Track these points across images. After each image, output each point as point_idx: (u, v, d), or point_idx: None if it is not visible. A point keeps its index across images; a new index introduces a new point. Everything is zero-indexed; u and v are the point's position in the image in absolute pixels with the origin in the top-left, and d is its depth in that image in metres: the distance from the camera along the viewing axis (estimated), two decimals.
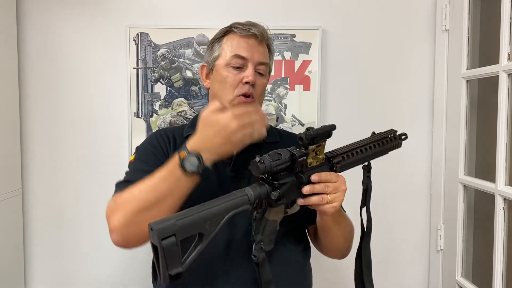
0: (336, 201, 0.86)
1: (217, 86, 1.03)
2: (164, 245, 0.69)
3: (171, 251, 0.70)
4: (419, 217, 1.69)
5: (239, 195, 0.78)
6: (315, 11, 1.63)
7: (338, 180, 0.87)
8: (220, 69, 1.02)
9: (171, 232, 0.70)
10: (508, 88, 1.26)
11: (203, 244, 0.74)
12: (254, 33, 1.01)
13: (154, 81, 1.61)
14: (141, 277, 1.66)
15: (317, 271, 1.23)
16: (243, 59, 1.00)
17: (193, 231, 0.73)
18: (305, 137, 0.82)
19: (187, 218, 0.73)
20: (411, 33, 1.64)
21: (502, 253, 1.28)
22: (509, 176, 1.29)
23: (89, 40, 1.61)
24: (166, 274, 0.70)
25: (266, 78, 1.06)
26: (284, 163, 0.81)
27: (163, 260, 0.70)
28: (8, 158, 1.54)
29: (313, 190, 0.85)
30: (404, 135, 1.03)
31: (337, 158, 0.90)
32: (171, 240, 0.70)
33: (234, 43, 1.01)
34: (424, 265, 1.70)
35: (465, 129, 1.49)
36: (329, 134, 0.86)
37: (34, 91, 1.63)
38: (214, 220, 0.75)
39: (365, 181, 0.99)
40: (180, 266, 0.71)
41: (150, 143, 1.05)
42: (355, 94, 1.65)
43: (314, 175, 0.85)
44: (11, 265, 1.57)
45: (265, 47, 1.05)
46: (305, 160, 0.84)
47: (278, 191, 0.81)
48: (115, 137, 1.63)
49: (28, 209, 1.66)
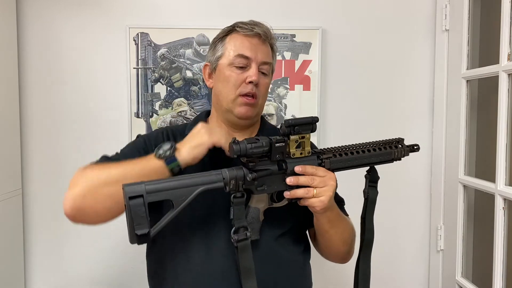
0: (323, 195, 0.86)
1: (220, 86, 1.03)
2: (131, 204, 0.74)
3: (137, 211, 0.74)
4: (419, 217, 1.69)
5: (213, 173, 0.83)
6: (315, 11, 1.63)
7: (326, 175, 0.87)
8: (223, 68, 1.01)
9: (139, 192, 0.75)
10: (508, 88, 1.26)
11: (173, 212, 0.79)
12: (258, 33, 1.01)
13: (154, 81, 1.61)
14: (140, 277, 1.66)
15: (318, 272, 1.23)
16: (246, 59, 0.99)
17: (163, 196, 0.78)
18: (284, 124, 0.84)
19: (157, 183, 0.79)
20: (411, 33, 1.64)
21: (502, 253, 1.28)
22: (509, 176, 1.29)
23: (89, 40, 1.61)
24: (133, 234, 0.75)
25: (269, 78, 1.05)
26: (261, 147, 0.83)
27: (130, 219, 0.74)
28: (8, 158, 1.54)
29: (297, 181, 0.85)
30: (416, 146, 1.00)
31: (327, 154, 0.91)
32: (138, 200, 0.75)
33: (237, 43, 1.01)
34: (424, 265, 1.70)
35: (465, 129, 1.49)
36: (312, 127, 0.86)
37: (34, 91, 1.63)
38: (185, 190, 0.79)
39: (367, 190, 0.98)
40: (147, 228, 0.75)
41: (148, 137, 1.06)
42: (355, 94, 1.65)
43: (297, 166, 0.86)
44: (11, 265, 1.57)
45: (268, 46, 1.04)
46: (284, 147, 0.85)
47: (254, 174, 0.83)
48: (115, 137, 1.63)
49: (28, 209, 1.65)
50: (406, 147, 0.99)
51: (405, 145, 0.99)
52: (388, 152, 0.96)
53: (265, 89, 1.04)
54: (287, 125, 0.84)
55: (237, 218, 0.85)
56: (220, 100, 1.03)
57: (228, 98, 1.00)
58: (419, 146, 1.00)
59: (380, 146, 0.96)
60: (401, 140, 0.99)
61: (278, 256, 0.98)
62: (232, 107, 1.00)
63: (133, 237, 0.75)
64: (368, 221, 1.00)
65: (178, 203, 0.79)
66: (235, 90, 0.99)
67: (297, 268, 1.03)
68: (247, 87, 0.99)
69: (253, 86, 0.99)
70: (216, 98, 1.05)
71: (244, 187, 0.84)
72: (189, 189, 0.80)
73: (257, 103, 1.01)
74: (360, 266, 1.00)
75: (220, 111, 1.05)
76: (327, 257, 1.10)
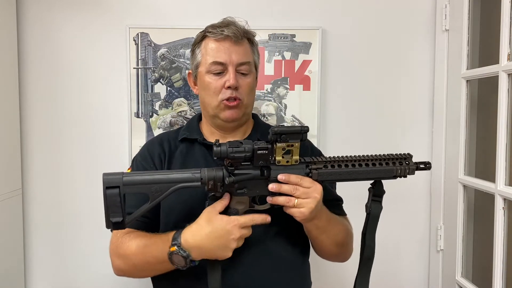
0: (304, 207, 0.84)
1: (203, 93, 1.04)
2: (108, 194, 0.80)
3: (113, 201, 0.80)
4: (419, 217, 1.69)
5: (192, 171, 0.85)
6: (315, 11, 1.62)
7: (311, 186, 0.85)
8: (202, 76, 1.03)
9: (115, 183, 0.81)
10: (508, 88, 1.26)
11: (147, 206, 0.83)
12: (228, 35, 1.00)
13: (154, 81, 1.61)
14: None
15: (317, 271, 1.23)
16: (221, 65, 1.00)
17: (139, 189, 0.83)
18: (270, 131, 0.84)
19: (135, 176, 0.84)
20: (411, 33, 1.64)
21: (502, 253, 1.28)
22: (509, 176, 1.29)
23: (89, 40, 1.61)
24: (108, 221, 0.81)
25: (251, 76, 1.04)
26: (243, 152, 0.84)
27: (106, 207, 0.81)
28: (8, 158, 1.54)
29: (279, 189, 0.85)
30: (428, 164, 0.93)
31: (317, 165, 0.88)
32: (114, 190, 0.81)
33: (210, 49, 1.01)
34: (424, 265, 1.70)
35: (465, 129, 1.49)
36: (302, 136, 0.84)
37: (34, 91, 1.63)
38: (161, 186, 0.83)
39: (369, 205, 0.95)
40: (121, 217, 0.80)
41: (143, 157, 1.08)
42: (355, 94, 1.65)
43: (281, 175, 0.85)
44: (11, 265, 1.57)
45: (243, 44, 1.03)
46: (266, 154, 0.85)
47: (232, 177, 0.84)
48: (115, 137, 1.63)
49: (28, 209, 1.65)
50: (414, 164, 0.92)
51: (412, 162, 0.92)
52: (389, 169, 0.91)
53: (248, 88, 1.03)
54: (274, 133, 0.83)
55: None
56: (206, 107, 1.05)
57: (212, 104, 1.02)
58: (430, 164, 0.94)
59: (381, 162, 0.91)
60: (409, 157, 0.93)
61: (274, 255, 0.98)
62: (217, 112, 1.02)
63: (108, 223, 0.81)
64: (369, 238, 0.96)
65: (153, 198, 0.83)
66: (216, 96, 1.00)
67: (295, 267, 1.03)
68: (226, 92, 0.99)
69: (232, 90, 0.99)
70: (202, 105, 1.07)
71: (223, 189, 0.86)
72: (166, 185, 0.83)
73: (241, 104, 1.01)
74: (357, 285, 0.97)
75: (208, 117, 1.07)
76: (322, 257, 1.10)
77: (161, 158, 1.05)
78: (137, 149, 1.30)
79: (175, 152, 1.06)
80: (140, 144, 1.50)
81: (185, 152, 1.06)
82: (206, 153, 1.04)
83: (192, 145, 1.06)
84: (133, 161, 1.10)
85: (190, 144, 1.07)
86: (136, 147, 1.57)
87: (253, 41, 1.08)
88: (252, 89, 1.06)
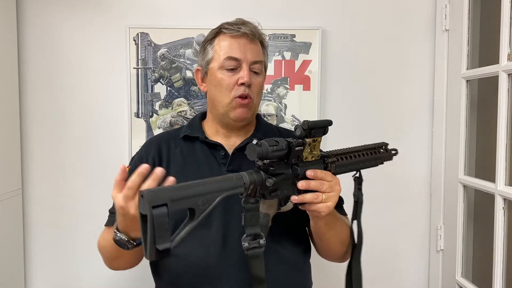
0: (330, 201, 0.84)
1: (214, 90, 1.02)
2: (155, 214, 0.64)
3: (161, 222, 0.64)
4: (419, 217, 1.69)
5: (234, 178, 0.76)
6: (315, 11, 1.62)
7: (333, 180, 0.86)
8: (214, 72, 1.01)
9: (163, 201, 0.65)
10: (508, 88, 1.26)
11: (194, 222, 0.70)
12: (245, 32, 0.99)
13: (154, 81, 1.61)
14: (141, 277, 1.66)
15: (318, 271, 1.23)
16: (236, 61, 0.99)
17: (185, 204, 0.69)
18: (302, 126, 0.81)
19: (181, 190, 0.69)
20: (411, 33, 1.64)
21: (502, 253, 1.28)
22: (509, 176, 1.29)
23: (89, 40, 1.61)
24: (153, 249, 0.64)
25: (262, 76, 1.04)
26: (281, 150, 0.79)
27: (152, 232, 0.64)
28: (8, 158, 1.54)
29: (308, 186, 0.83)
30: (395, 151, 1.03)
31: (332, 158, 0.89)
32: (162, 210, 0.65)
33: (225, 45, 1.00)
34: (424, 265, 1.70)
35: (465, 129, 1.49)
36: (325, 130, 0.84)
37: (34, 91, 1.63)
38: (207, 197, 0.71)
39: (356, 193, 0.97)
40: (169, 241, 0.66)
41: (139, 156, 1.07)
42: (355, 94, 1.65)
43: (309, 171, 0.84)
44: (11, 265, 1.57)
45: (257, 44, 1.03)
46: (302, 151, 0.82)
47: (273, 178, 0.79)
48: (115, 137, 1.63)
49: (28, 209, 1.65)
50: (390, 150, 1.01)
51: (389, 149, 1.01)
52: (379, 156, 0.98)
53: (259, 88, 1.03)
54: (306, 127, 0.81)
55: (250, 224, 0.79)
56: (216, 104, 1.03)
57: (223, 102, 1.00)
58: (397, 150, 1.03)
59: (374, 150, 0.97)
60: (386, 145, 1.01)
61: (277, 255, 0.97)
62: (228, 110, 1.00)
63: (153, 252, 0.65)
64: (359, 224, 0.99)
65: (200, 212, 0.70)
66: (228, 93, 0.99)
67: (297, 267, 1.03)
68: (239, 89, 0.98)
69: (245, 87, 0.98)
70: (211, 102, 1.05)
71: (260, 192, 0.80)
72: (212, 195, 0.72)
73: (252, 103, 1.01)
74: (353, 267, 0.99)
75: (216, 115, 1.05)
76: (326, 257, 1.10)
77: (154, 160, 1.03)
78: (137, 149, 1.29)
79: (175, 151, 1.05)
80: (140, 144, 1.50)
81: (185, 151, 1.05)
82: (208, 152, 1.04)
83: (193, 144, 1.06)
84: (131, 161, 1.10)
85: (191, 143, 1.06)
86: (136, 147, 1.57)
87: (264, 44, 1.07)
88: (261, 89, 1.05)
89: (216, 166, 1.01)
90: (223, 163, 1.01)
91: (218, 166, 1.01)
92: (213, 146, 1.03)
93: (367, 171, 1.00)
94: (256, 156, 0.76)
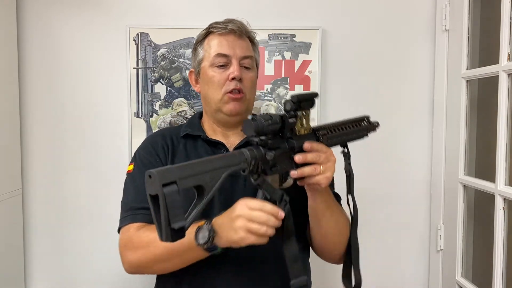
0: (328, 171, 0.86)
1: (206, 88, 1.04)
2: (166, 193, 0.63)
3: (173, 200, 0.64)
4: (419, 217, 1.69)
5: (237, 154, 0.77)
6: (315, 11, 1.62)
7: (328, 151, 0.88)
8: (206, 71, 1.03)
9: (172, 178, 0.65)
10: (508, 88, 1.26)
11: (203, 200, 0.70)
12: (232, 29, 1.02)
13: (154, 81, 1.61)
14: (141, 276, 1.66)
15: (317, 270, 1.23)
16: (226, 57, 1.01)
17: (194, 182, 0.69)
18: (292, 100, 0.82)
19: (189, 168, 0.69)
20: (411, 33, 1.64)
21: (502, 253, 1.28)
22: (509, 176, 1.29)
23: (89, 40, 1.61)
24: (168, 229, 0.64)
25: (253, 72, 1.06)
26: (276, 123, 0.80)
27: (165, 211, 0.63)
28: (8, 158, 1.54)
29: (305, 159, 0.84)
30: (377, 123, 1.07)
31: (323, 131, 0.92)
32: (173, 187, 0.64)
33: (214, 43, 1.03)
34: (424, 265, 1.70)
35: (465, 129, 1.49)
36: (312, 102, 0.86)
37: (34, 91, 1.63)
38: (214, 174, 0.71)
39: (347, 168, 0.99)
40: (184, 219, 0.65)
41: (146, 150, 1.07)
42: (355, 94, 1.65)
43: (306, 143, 0.84)
44: (11, 265, 1.57)
45: (246, 40, 1.06)
46: (295, 123, 0.84)
47: (273, 151, 0.80)
48: (115, 137, 1.63)
49: (28, 209, 1.65)
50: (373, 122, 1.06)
51: (371, 122, 1.06)
52: (364, 128, 1.02)
53: (251, 83, 1.04)
54: (295, 100, 0.82)
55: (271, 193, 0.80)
56: (209, 101, 1.04)
57: (216, 98, 1.02)
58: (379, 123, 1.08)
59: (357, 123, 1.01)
60: (368, 117, 1.06)
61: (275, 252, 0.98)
62: (221, 106, 1.02)
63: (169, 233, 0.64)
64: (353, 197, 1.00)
65: (209, 188, 0.70)
66: (220, 89, 1.01)
67: None
68: (231, 84, 1.00)
69: (236, 82, 1.00)
70: (204, 100, 1.07)
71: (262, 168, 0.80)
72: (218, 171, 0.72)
73: (244, 97, 1.02)
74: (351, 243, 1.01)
75: (210, 113, 1.07)
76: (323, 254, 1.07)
77: (164, 150, 1.05)
78: None
79: (178, 147, 1.06)
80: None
81: (188, 147, 1.06)
82: (209, 150, 1.05)
83: (195, 142, 1.06)
84: (135, 157, 1.08)
85: (193, 141, 1.07)
86: (136, 147, 1.56)
87: (254, 41, 1.10)
88: (254, 84, 1.07)
89: None
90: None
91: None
92: (214, 144, 1.04)
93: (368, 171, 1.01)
94: (253, 131, 0.77)
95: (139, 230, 0.94)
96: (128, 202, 1.00)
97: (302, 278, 0.84)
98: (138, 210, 0.97)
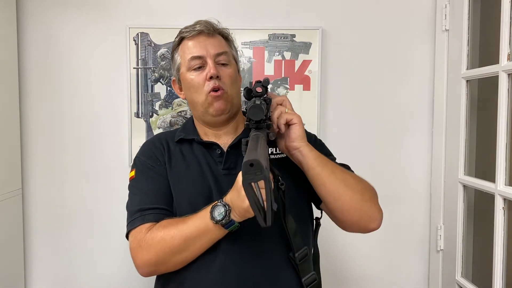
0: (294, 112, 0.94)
1: (189, 93, 1.05)
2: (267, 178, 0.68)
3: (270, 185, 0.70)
4: (419, 217, 1.69)
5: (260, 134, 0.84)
6: (315, 11, 1.63)
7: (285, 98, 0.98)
8: (185, 76, 1.04)
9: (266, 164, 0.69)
10: (508, 88, 1.26)
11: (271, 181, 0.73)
12: (201, 30, 1.03)
13: (154, 81, 1.61)
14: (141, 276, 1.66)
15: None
16: (200, 58, 1.02)
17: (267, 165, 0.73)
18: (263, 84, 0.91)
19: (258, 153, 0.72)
20: (411, 33, 1.64)
21: (502, 253, 1.28)
22: (509, 176, 1.29)
23: (89, 40, 1.61)
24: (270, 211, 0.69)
25: (231, 67, 1.06)
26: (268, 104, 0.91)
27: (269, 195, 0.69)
28: (8, 158, 1.54)
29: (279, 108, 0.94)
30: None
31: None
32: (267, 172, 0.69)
33: (187, 47, 1.04)
34: (424, 265, 1.70)
35: (465, 129, 1.49)
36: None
37: (34, 91, 1.63)
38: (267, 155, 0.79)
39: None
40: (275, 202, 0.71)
41: (146, 155, 1.07)
42: (355, 94, 1.65)
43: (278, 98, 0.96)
44: (11, 265, 1.57)
45: (218, 37, 1.06)
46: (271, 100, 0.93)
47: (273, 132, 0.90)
48: (115, 137, 1.63)
49: (28, 209, 1.66)
50: None
51: None
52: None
53: (230, 79, 1.04)
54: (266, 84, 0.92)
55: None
56: (194, 105, 1.06)
57: (200, 100, 1.03)
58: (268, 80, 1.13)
59: None
60: None
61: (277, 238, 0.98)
62: (206, 107, 1.03)
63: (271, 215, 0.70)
64: None
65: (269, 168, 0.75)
66: (201, 91, 1.02)
67: None
68: (210, 84, 1.01)
69: (215, 80, 1.00)
70: (191, 105, 1.08)
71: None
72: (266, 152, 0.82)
73: (226, 94, 1.02)
74: None
75: (198, 117, 1.08)
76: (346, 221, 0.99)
77: (163, 154, 1.06)
78: (137, 149, 1.29)
79: (175, 151, 1.07)
80: (140, 144, 1.50)
81: (184, 151, 1.07)
82: (205, 152, 1.05)
83: (191, 145, 1.07)
84: (135, 163, 1.09)
85: (188, 144, 1.08)
86: (136, 147, 1.58)
87: (228, 37, 1.10)
88: (235, 80, 1.07)
89: (213, 164, 1.02)
90: (219, 162, 1.02)
91: (215, 164, 1.02)
92: (208, 145, 1.05)
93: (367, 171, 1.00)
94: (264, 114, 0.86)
95: (150, 229, 0.95)
96: (135, 205, 1.01)
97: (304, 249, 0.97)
98: (146, 211, 0.98)
